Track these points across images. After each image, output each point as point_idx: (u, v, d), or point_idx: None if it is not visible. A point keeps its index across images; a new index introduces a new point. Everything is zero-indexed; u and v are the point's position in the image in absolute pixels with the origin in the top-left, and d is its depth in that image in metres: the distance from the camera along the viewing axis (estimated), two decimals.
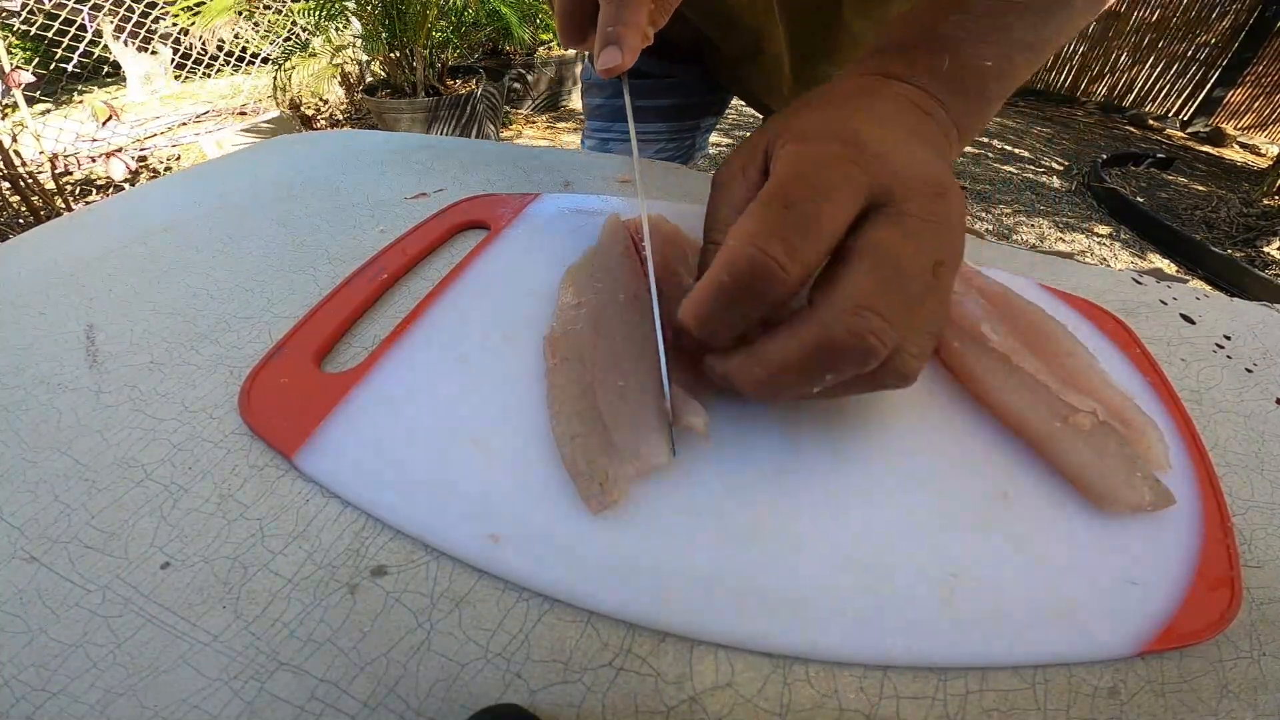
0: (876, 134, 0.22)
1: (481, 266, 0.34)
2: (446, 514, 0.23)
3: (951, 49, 0.26)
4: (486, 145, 0.53)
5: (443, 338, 0.30)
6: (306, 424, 0.25)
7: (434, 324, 0.30)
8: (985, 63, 0.27)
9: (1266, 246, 2.28)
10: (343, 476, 0.24)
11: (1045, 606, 0.21)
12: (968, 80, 0.26)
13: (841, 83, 0.27)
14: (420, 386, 0.27)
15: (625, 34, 0.25)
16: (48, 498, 0.23)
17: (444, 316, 0.31)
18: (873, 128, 0.22)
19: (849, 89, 0.26)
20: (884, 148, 0.21)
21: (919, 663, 0.20)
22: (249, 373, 0.28)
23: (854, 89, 0.26)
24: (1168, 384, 0.30)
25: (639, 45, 0.26)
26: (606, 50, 0.25)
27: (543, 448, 0.25)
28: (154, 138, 2.52)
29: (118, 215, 0.42)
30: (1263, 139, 3.79)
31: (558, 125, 3.11)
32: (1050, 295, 0.36)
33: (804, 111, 0.25)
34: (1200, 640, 0.20)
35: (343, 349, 0.31)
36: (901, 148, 0.22)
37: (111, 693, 0.18)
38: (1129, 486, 0.23)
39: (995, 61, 0.27)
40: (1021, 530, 0.23)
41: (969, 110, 0.27)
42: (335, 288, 0.33)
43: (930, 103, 0.26)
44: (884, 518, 0.23)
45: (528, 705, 0.19)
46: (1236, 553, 0.23)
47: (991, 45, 0.27)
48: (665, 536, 0.22)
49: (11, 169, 1.59)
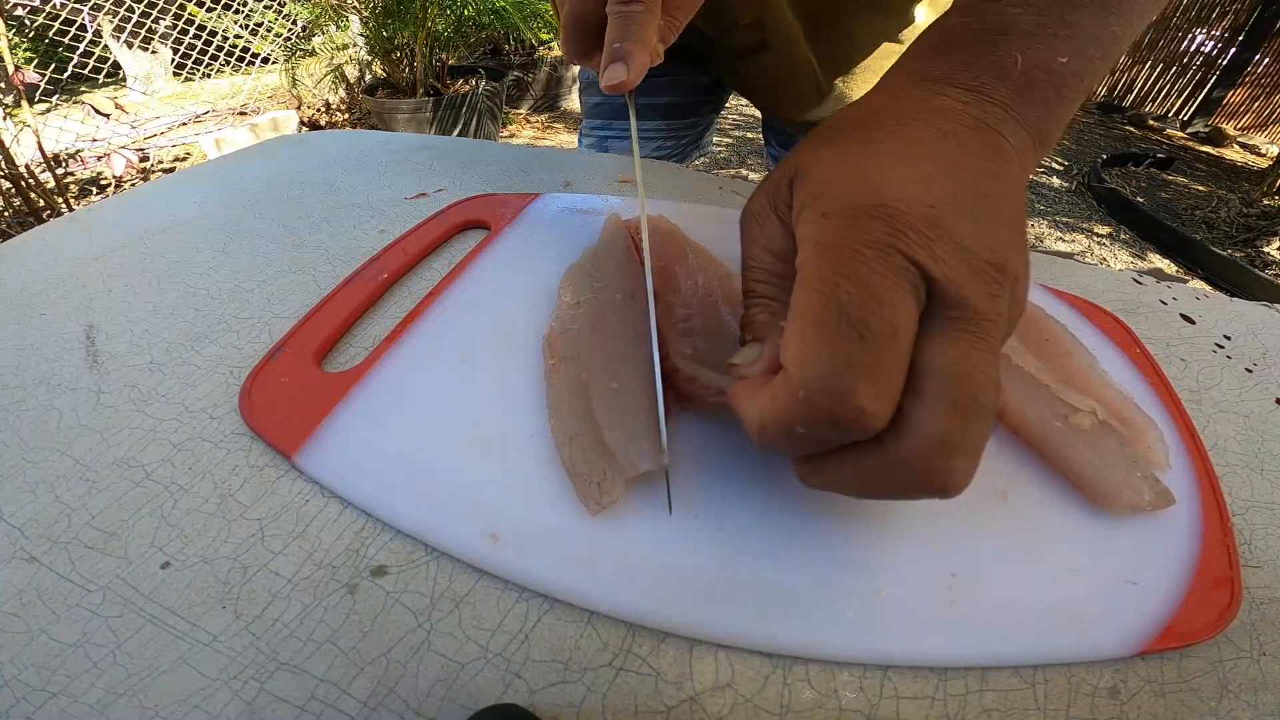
0: (920, 195, 0.18)
1: (481, 266, 0.35)
2: (446, 513, 0.23)
3: (1020, 45, 0.21)
4: (486, 145, 0.53)
5: (443, 338, 0.30)
6: (307, 424, 0.25)
7: (434, 324, 0.30)
8: (1060, 59, 0.22)
9: (1266, 246, 2.28)
10: (343, 476, 0.24)
11: (1044, 606, 0.21)
12: (1044, 82, 0.21)
13: (880, 96, 0.23)
14: (420, 386, 0.27)
15: (633, 51, 0.25)
16: (48, 498, 0.23)
17: (444, 316, 0.31)
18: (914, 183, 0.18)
19: (889, 108, 0.22)
20: (933, 216, 0.17)
21: (919, 662, 0.20)
22: (250, 372, 0.28)
23: (896, 109, 0.21)
24: (1167, 384, 0.30)
25: (647, 63, 0.25)
26: (612, 67, 0.25)
27: (542, 448, 0.25)
28: (154, 138, 2.52)
29: (118, 215, 0.42)
30: (1263, 139, 3.79)
31: (557, 125, 3.11)
32: (1050, 295, 0.36)
33: (828, 150, 0.20)
34: (1200, 640, 0.20)
35: (343, 348, 0.31)
36: (953, 213, 0.18)
37: (111, 693, 0.18)
38: (1128, 486, 0.23)
39: (1070, 58, 0.22)
40: (1021, 530, 0.23)
41: (1048, 116, 0.22)
42: (336, 287, 0.33)
43: (999, 115, 0.21)
44: (883, 518, 0.23)
45: (528, 705, 0.19)
46: (1236, 553, 0.23)
47: (1064, 41, 0.22)
48: (665, 537, 0.22)
49: (13, 168, 1.59)
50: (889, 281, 0.16)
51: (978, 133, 0.20)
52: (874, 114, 0.22)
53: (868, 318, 0.16)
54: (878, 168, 0.19)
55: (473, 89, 2.55)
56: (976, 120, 0.20)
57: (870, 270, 0.17)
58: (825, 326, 0.16)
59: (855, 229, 0.17)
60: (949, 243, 0.17)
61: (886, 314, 0.16)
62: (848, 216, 0.18)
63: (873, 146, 0.20)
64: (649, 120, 0.64)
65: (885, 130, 0.20)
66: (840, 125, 0.22)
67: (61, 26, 2.43)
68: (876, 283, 0.16)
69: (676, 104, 0.64)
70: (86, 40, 2.48)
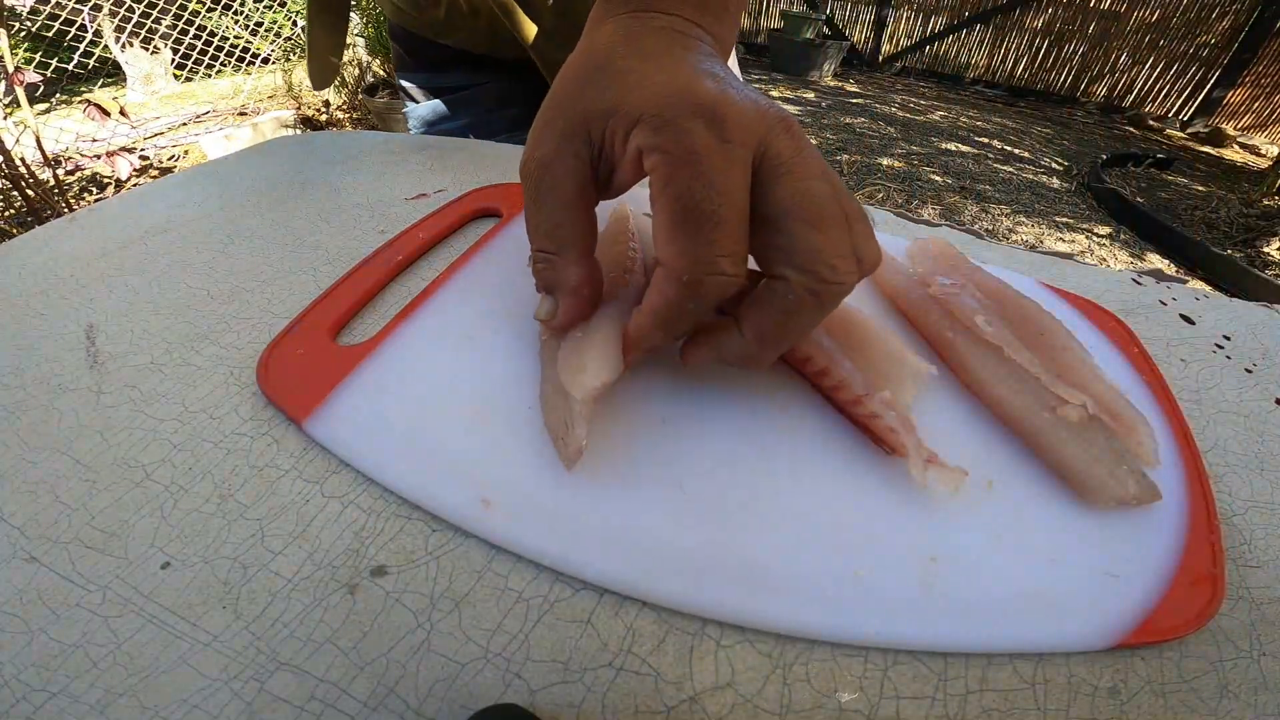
0: (709, 88, 0.21)
1: (491, 251, 0.35)
2: (441, 478, 0.23)
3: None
4: (486, 146, 0.53)
5: (451, 315, 0.31)
6: (318, 393, 0.27)
7: (443, 303, 0.31)
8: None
9: (1266, 247, 2.28)
10: (348, 443, 0.25)
11: (1023, 595, 0.21)
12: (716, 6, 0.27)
13: (604, 30, 0.25)
14: (427, 360, 0.28)
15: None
16: (48, 498, 0.23)
17: (453, 296, 0.32)
18: (700, 78, 0.22)
19: (619, 36, 0.24)
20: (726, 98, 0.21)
21: (895, 645, 0.20)
22: (268, 344, 0.29)
23: (623, 34, 0.24)
24: (1163, 382, 0.30)
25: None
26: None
27: (536, 418, 0.26)
28: (155, 138, 2.52)
29: (118, 215, 0.42)
30: (1262, 139, 3.79)
31: None
32: (1050, 294, 0.36)
33: (605, 79, 0.23)
34: (1178, 636, 0.20)
35: (357, 324, 0.32)
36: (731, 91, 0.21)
37: (111, 693, 0.18)
38: (1114, 480, 0.23)
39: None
40: (1003, 518, 0.23)
41: (722, 26, 0.27)
42: (353, 267, 0.35)
43: (690, 27, 0.25)
44: (865, 500, 0.23)
45: (528, 705, 0.19)
46: (1222, 551, 0.23)
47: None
48: (650, 511, 0.22)
49: (12, 169, 1.59)
50: (729, 169, 0.20)
51: (691, 39, 0.25)
52: (612, 42, 0.24)
53: (715, 204, 0.20)
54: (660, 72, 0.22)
55: None
56: (682, 34, 0.25)
57: (709, 164, 0.20)
58: (686, 223, 0.20)
59: (687, 131, 0.21)
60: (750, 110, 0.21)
61: (730, 192, 0.20)
62: (677, 120, 0.21)
63: (649, 64, 0.23)
64: (521, 131, 0.66)
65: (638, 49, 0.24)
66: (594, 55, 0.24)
67: (61, 27, 2.43)
68: (718, 175, 0.20)
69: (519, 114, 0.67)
70: (86, 40, 2.48)
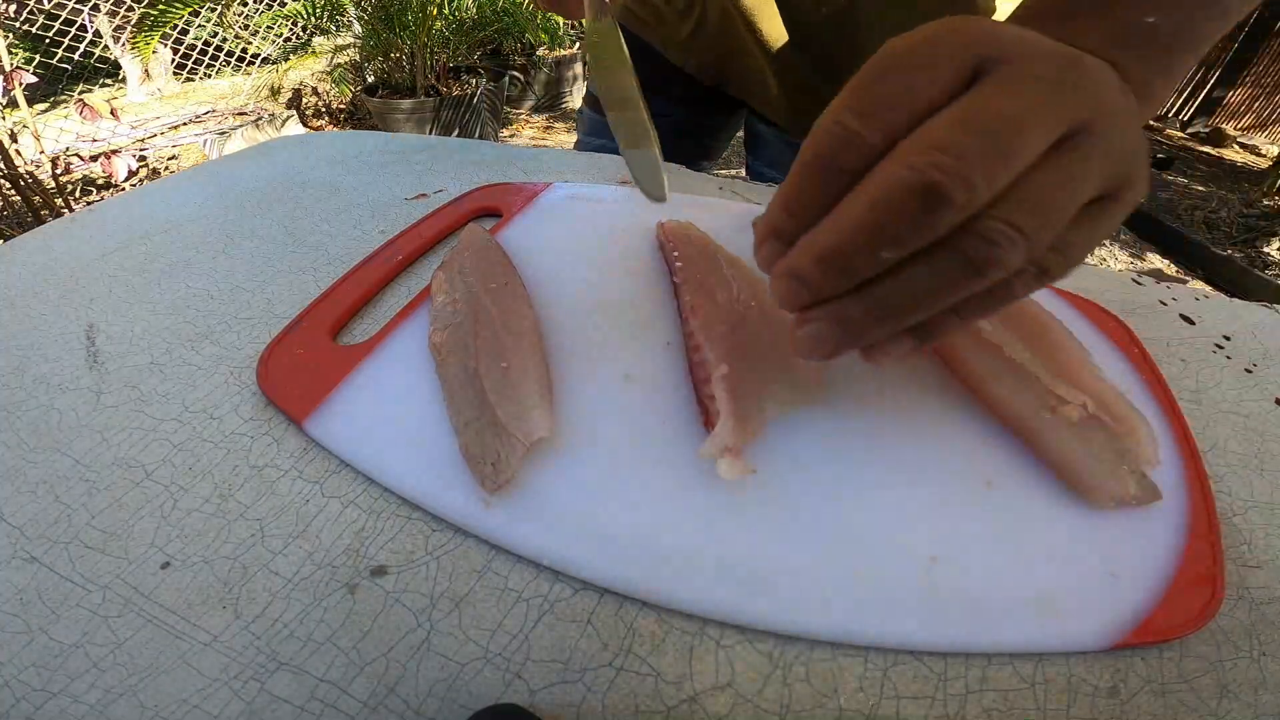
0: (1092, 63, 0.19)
1: None
2: (442, 477, 0.24)
3: (1119, 9, 0.23)
4: (486, 146, 0.53)
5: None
6: (318, 393, 0.27)
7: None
8: (1148, 20, 0.23)
9: (1266, 247, 2.28)
10: (348, 442, 0.25)
11: (1022, 594, 0.21)
12: (1141, 38, 0.23)
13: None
14: (427, 360, 0.28)
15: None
16: (48, 498, 0.23)
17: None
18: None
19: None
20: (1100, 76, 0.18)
21: (894, 644, 0.20)
22: (268, 344, 0.29)
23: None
24: (1163, 382, 0.30)
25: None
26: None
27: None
28: (154, 138, 2.52)
29: (118, 215, 0.42)
30: (1263, 139, 3.78)
31: (558, 125, 3.11)
32: (1050, 294, 0.36)
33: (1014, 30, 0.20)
34: (1178, 636, 0.20)
35: (356, 324, 0.32)
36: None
37: (111, 693, 0.18)
38: (1114, 479, 0.23)
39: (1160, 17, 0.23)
40: (1003, 518, 0.23)
41: (1149, 69, 0.23)
42: (353, 267, 0.35)
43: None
44: (864, 499, 0.23)
45: (528, 705, 0.19)
46: (1221, 551, 0.23)
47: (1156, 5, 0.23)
48: (644, 508, 0.23)
49: (12, 169, 1.59)
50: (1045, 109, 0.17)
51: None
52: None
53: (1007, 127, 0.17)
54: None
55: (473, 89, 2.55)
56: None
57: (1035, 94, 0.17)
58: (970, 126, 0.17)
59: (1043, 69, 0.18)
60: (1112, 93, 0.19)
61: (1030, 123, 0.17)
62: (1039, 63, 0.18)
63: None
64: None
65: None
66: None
67: (61, 27, 2.43)
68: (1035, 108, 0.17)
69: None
70: (86, 40, 2.48)
